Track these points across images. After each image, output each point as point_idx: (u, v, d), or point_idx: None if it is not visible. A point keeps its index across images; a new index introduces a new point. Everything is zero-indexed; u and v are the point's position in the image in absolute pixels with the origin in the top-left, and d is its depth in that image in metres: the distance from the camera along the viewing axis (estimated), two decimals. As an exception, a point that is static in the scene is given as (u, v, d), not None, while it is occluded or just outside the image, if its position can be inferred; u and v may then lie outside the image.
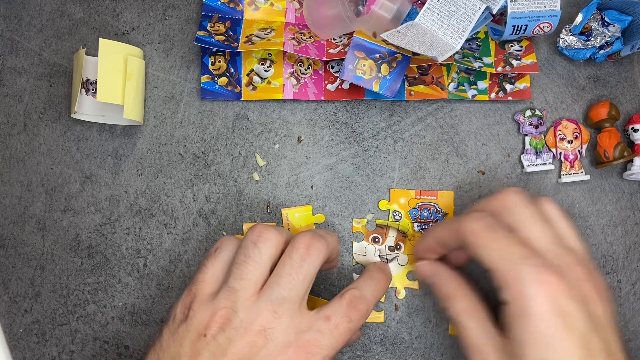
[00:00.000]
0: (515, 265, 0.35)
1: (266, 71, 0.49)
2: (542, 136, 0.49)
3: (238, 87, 0.49)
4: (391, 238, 0.48)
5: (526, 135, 0.49)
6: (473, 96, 0.49)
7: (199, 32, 0.47)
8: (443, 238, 0.41)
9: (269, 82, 0.49)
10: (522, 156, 0.49)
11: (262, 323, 0.36)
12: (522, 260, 0.35)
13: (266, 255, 0.38)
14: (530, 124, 0.49)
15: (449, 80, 0.49)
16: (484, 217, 0.38)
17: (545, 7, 0.45)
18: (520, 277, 0.34)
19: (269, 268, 0.38)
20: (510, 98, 0.49)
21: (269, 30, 0.49)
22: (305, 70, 0.49)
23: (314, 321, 0.37)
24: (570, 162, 0.49)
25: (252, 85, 0.49)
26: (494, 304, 0.38)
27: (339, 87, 0.49)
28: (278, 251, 0.39)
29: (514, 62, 0.48)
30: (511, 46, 0.49)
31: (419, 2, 0.49)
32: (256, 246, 0.38)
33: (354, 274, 0.48)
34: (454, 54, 0.47)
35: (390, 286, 0.48)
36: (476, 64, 0.47)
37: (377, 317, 0.47)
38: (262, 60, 0.49)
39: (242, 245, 0.39)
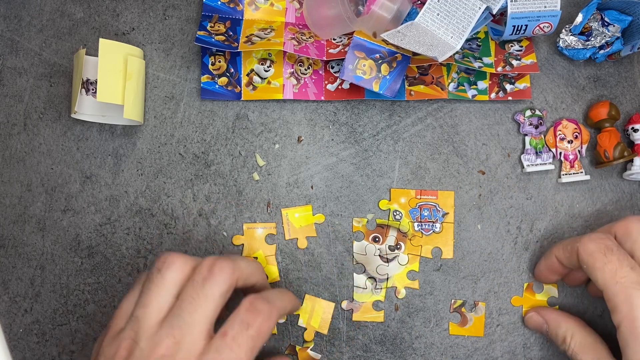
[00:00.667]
0: (627, 288, 0.36)
1: (266, 71, 0.49)
2: (542, 136, 0.49)
3: (238, 87, 0.49)
4: (391, 237, 0.48)
5: (526, 135, 0.49)
6: (473, 96, 0.49)
7: (199, 32, 0.47)
8: (562, 258, 0.43)
9: (269, 82, 0.49)
10: (522, 156, 0.49)
11: (162, 352, 0.34)
12: (633, 284, 0.36)
13: (170, 281, 0.37)
14: (530, 124, 0.49)
15: (449, 80, 0.49)
16: (602, 239, 0.39)
17: (545, 7, 0.45)
18: (630, 301, 0.36)
19: (174, 294, 0.37)
20: (510, 98, 0.49)
21: (269, 30, 0.49)
22: (305, 70, 0.49)
23: (212, 342, 0.35)
24: (570, 162, 0.49)
25: (252, 85, 0.49)
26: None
27: (339, 87, 0.49)
28: (184, 276, 0.37)
29: (514, 62, 0.48)
30: (511, 46, 0.49)
31: (419, 2, 0.49)
32: (159, 272, 0.37)
33: (354, 274, 0.48)
34: (454, 54, 0.47)
35: (390, 286, 0.48)
36: (476, 64, 0.47)
37: (377, 316, 0.47)
38: (262, 60, 0.49)
39: (148, 273, 0.38)
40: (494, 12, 0.45)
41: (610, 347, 0.41)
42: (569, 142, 0.49)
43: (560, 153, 0.49)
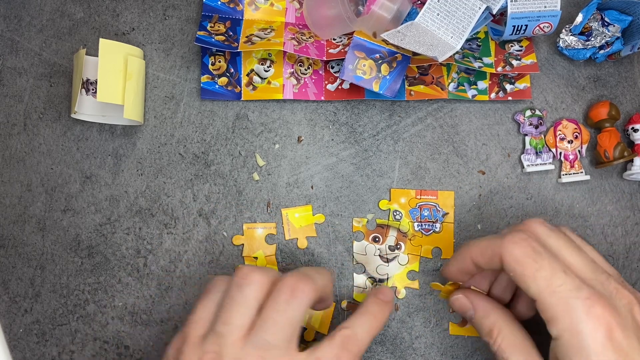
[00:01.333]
0: (565, 298, 0.34)
1: (266, 71, 0.49)
2: (542, 136, 0.49)
3: (238, 87, 0.49)
4: (391, 237, 0.48)
5: (526, 135, 0.49)
6: (473, 96, 0.49)
7: (199, 32, 0.47)
8: (479, 260, 0.39)
9: (269, 82, 0.49)
10: (522, 156, 0.49)
11: None
12: (572, 292, 0.34)
13: (251, 299, 0.37)
14: (530, 124, 0.49)
15: (449, 80, 0.49)
16: (525, 239, 0.36)
17: (545, 7, 0.45)
18: (572, 311, 0.33)
19: (255, 310, 0.37)
20: (510, 98, 0.49)
21: (269, 30, 0.49)
22: (305, 70, 0.49)
23: None
24: (570, 162, 0.49)
25: (252, 85, 0.49)
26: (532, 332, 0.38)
27: (339, 87, 0.49)
28: (264, 293, 0.38)
29: (514, 62, 0.48)
30: (511, 46, 0.49)
31: (419, 2, 0.49)
32: (241, 289, 0.37)
33: (354, 274, 0.48)
34: (454, 54, 0.47)
35: (390, 286, 0.48)
36: (476, 64, 0.47)
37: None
38: (262, 60, 0.49)
39: (228, 288, 0.38)
40: (494, 12, 0.45)
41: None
42: (569, 142, 0.49)
43: (560, 153, 0.49)
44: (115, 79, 0.46)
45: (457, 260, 0.41)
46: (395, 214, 0.48)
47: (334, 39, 0.49)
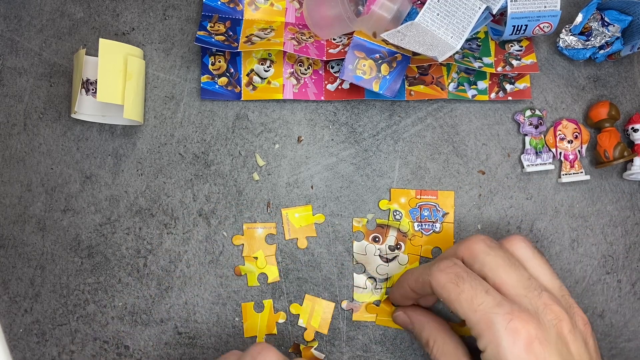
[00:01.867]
0: (486, 314, 0.35)
1: (266, 71, 0.49)
2: (542, 136, 0.49)
3: (238, 87, 0.49)
4: (391, 237, 0.48)
5: (526, 135, 0.49)
6: (473, 96, 0.49)
7: (199, 32, 0.47)
8: (415, 288, 0.42)
9: (269, 82, 0.49)
10: (522, 156, 0.49)
11: None
12: (492, 308, 0.35)
13: None
14: (530, 124, 0.49)
15: (449, 80, 0.49)
16: (450, 267, 0.38)
17: (545, 7, 0.45)
18: (492, 327, 0.35)
19: None
20: (510, 98, 0.49)
21: (269, 30, 0.49)
22: (305, 70, 0.49)
23: None
24: (570, 162, 0.49)
25: (252, 85, 0.49)
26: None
27: (339, 87, 0.49)
28: None
29: (514, 62, 0.48)
30: (511, 46, 0.49)
31: (419, 2, 0.49)
32: None
33: (354, 274, 0.48)
34: (454, 54, 0.47)
35: (390, 286, 0.48)
36: (476, 64, 0.47)
37: (376, 316, 0.47)
38: (262, 60, 0.49)
39: (242, 356, 0.39)
40: (494, 12, 0.45)
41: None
42: (569, 142, 0.49)
43: (560, 153, 0.49)
44: (115, 79, 0.46)
45: (397, 288, 0.45)
46: (395, 213, 0.48)
47: (334, 39, 0.49)
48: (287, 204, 0.49)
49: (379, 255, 0.48)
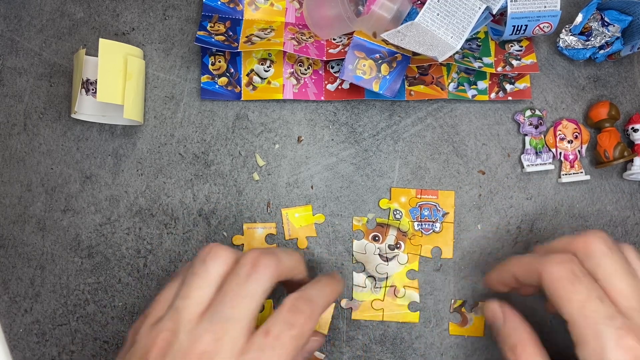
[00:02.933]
0: (597, 324, 0.34)
1: (266, 71, 0.49)
2: (542, 136, 0.49)
3: (238, 87, 0.49)
4: (391, 237, 0.48)
5: (526, 135, 0.49)
6: (473, 96, 0.49)
7: (199, 32, 0.47)
8: (520, 275, 0.39)
9: (269, 82, 0.49)
10: (522, 156, 0.49)
11: (202, 347, 0.33)
12: (604, 320, 0.34)
13: (213, 273, 0.36)
14: (530, 124, 0.49)
15: (449, 80, 0.49)
16: (567, 262, 0.36)
17: (545, 7, 0.45)
18: (601, 338, 0.33)
19: (216, 286, 0.36)
20: (510, 98, 0.49)
21: (269, 30, 0.49)
22: (305, 70, 0.49)
23: (254, 340, 0.34)
24: (570, 162, 0.49)
25: (252, 85, 0.49)
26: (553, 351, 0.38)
27: (339, 87, 0.49)
28: (227, 269, 0.36)
29: (514, 62, 0.48)
30: (511, 46, 0.49)
31: (419, 2, 0.49)
32: (204, 263, 0.36)
33: (354, 273, 0.48)
34: (454, 54, 0.47)
35: (390, 285, 0.48)
36: (476, 64, 0.47)
37: (376, 315, 0.47)
38: (262, 60, 0.49)
39: (191, 264, 0.37)
40: (494, 12, 0.45)
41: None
42: (569, 142, 0.49)
43: (560, 153, 0.49)
44: (115, 79, 0.46)
45: (499, 272, 0.42)
46: (395, 213, 0.48)
47: (334, 39, 0.49)
48: (287, 204, 0.49)
49: (379, 254, 0.48)
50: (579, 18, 0.47)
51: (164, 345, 0.34)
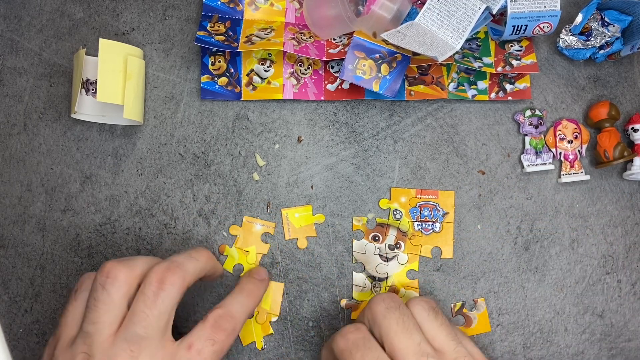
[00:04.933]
0: None
1: (266, 71, 0.49)
2: (542, 136, 0.49)
3: (238, 87, 0.49)
4: (391, 237, 0.48)
5: (526, 135, 0.49)
6: (473, 96, 0.49)
7: (199, 32, 0.47)
8: (328, 357, 0.41)
9: (269, 82, 0.49)
10: (522, 156, 0.49)
11: None
12: None
13: (116, 296, 0.36)
14: (530, 124, 0.49)
15: (449, 80, 0.49)
16: (351, 332, 0.38)
17: (545, 7, 0.45)
18: None
19: (124, 306, 0.37)
20: (510, 98, 0.49)
21: (269, 30, 0.49)
22: (305, 70, 0.49)
23: (175, 352, 0.36)
24: (570, 162, 0.49)
25: (252, 85, 0.49)
26: None
27: (339, 87, 0.49)
28: (131, 288, 0.37)
29: (514, 62, 0.48)
30: (511, 46, 0.49)
31: (419, 2, 0.49)
32: (104, 289, 0.37)
33: (354, 273, 0.48)
34: (454, 54, 0.47)
35: (389, 285, 0.48)
36: (476, 64, 0.47)
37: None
38: (262, 60, 0.49)
39: (92, 288, 0.38)
40: (494, 12, 0.45)
41: None
42: (569, 142, 0.49)
43: (560, 153, 0.49)
44: (115, 79, 0.46)
45: (324, 350, 0.43)
46: (395, 213, 0.48)
47: (334, 39, 0.49)
48: (287, 204, 0.49)
49: (379, 254, 0.48)
50: (579, 18, 0.47)
51: None
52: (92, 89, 0.47)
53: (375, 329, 0.39)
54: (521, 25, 0.46)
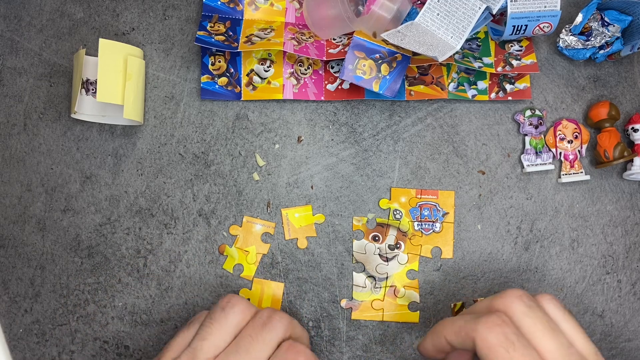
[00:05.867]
0: None
1: (266, 71, 0.49)
2: (542, 136, 0.49)
3: (238, 87, 0.49)
4: (391, 237, 0.48)
5: (526, 135, 0.49)
6: (473, 96, 0.49)
7: (199, 32, 0.47)
8: (453, 341, 0.38)
9: (269, 82, 0.49)
10: (522, 156, 0.49)
11: None
12: None
13: (232, 320, 0.38)
14: (530, 124, 0.49)
15: (449, 80, 0.49)
16: (499, 325, 0.35)
17: (545, 7, 0.45)
18: None
19: (233, 335, 0.38)
20: (510, 98, 0.49)
21: (269, 30, 0.49)
22: (305, 70, 0.49)
23: None
24: (570, 162, 0.49)
25: (252, 85, 0.49)
26: None
27: (339, 87, 0.49)
28: (244, 319, 0.39)
29: (514, 62, 0.48)
30: (511, 46, 0.49)
31: (419, 2, 0.49)
32: (223, 310, 0.39)
33: (354, 273, 0.48)
34: (454, 54, 0.47)
35: (390, 285, 0.48)
36: (476, 64, 0.47)
37: (376, 315, 0.47)
38: (262, 60, 0.49)
39: (210, 311, 0.39)
40: (494, 12, 0.45)
41: None
42: (569, 142, 0.49)
43: (560, 153, 0.49)
44: (115, 79, 0.46)
45: (432, 338, 0.40)
46: (395, 213, 0.48)
47: (334, 39, 0.49)
48: (287, 204, 0.49)
49: (379, 254, 0.48)
50: (579, 18, 0.47)
51: None
52: (92, 89, 0.47)
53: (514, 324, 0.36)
54: (521, 25, 0.46)
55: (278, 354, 0.38)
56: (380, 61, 0.46)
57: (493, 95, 0.49)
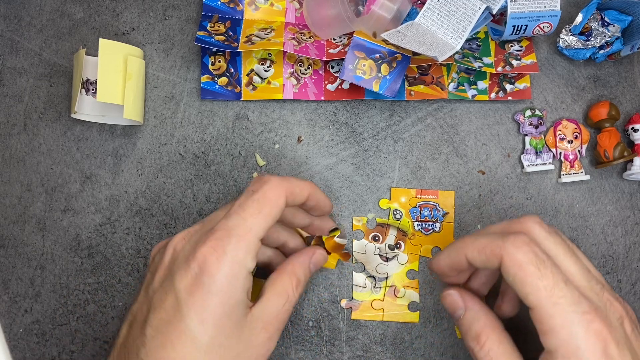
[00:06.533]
0: (565, 312, 0.32)
1: (266, 71, 0.49)
2: (542, 136, 0.49)
3: (238, 87, 0.49)
4: (391, 237, 0.48)
5: (526, 135, 0.49)
6: (473, 96, 0.49)
7: (199, 32, 0.47)
8: (474, 258, 0.36)
9: (269, 82, 0.49)
10: (522, 156, 0.49)
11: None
12: (571, 306, 0.33)
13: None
14: (530, 124, 0.49)
15: (449, 80, 0.49)
16: (528, 244, 0.34)
17: (545, 7, 0.45)
18: (570, 326, 0.32)
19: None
20: (510, 98, 0.49)
21: (269, 30, 0.49)
22: (305, 70, 0.49)
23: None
24: (570, 162, 0.49)
25: (252, 85, 0.49)
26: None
27: (339, 87, 0.49)
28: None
29: (514, 62, 0.48)
30: (511, 46, 0.49)
31: (419, 2, 0.49)
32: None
33: (354, 273, 0.48)
34: (454, 54, 0.47)
35: (389, 285, 0.48)
36: (476, 64, 0.47)
37: (376, 315, 0.47)
38: (262, 60, 0.49)
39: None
40: (494, 12, 0.45)
41: None
42: (569, 142, 0.49)
43: (560, 153, 0.49)
44: (115, 79, 0.46)
45: (450, 256, 0.39)
46: (395, 213, 0.48)
47: (334, 39, 0.49)
48: (287, 204, 0.49)
49: (379, 254, 0.48)
50: (579, 18, 0.47)
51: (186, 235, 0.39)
52: (92, 89, 0.47)
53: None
54: (521, 25, 0.46)
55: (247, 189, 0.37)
56: (380, 61, 0.46)
57: (493, 95, 0.49)
